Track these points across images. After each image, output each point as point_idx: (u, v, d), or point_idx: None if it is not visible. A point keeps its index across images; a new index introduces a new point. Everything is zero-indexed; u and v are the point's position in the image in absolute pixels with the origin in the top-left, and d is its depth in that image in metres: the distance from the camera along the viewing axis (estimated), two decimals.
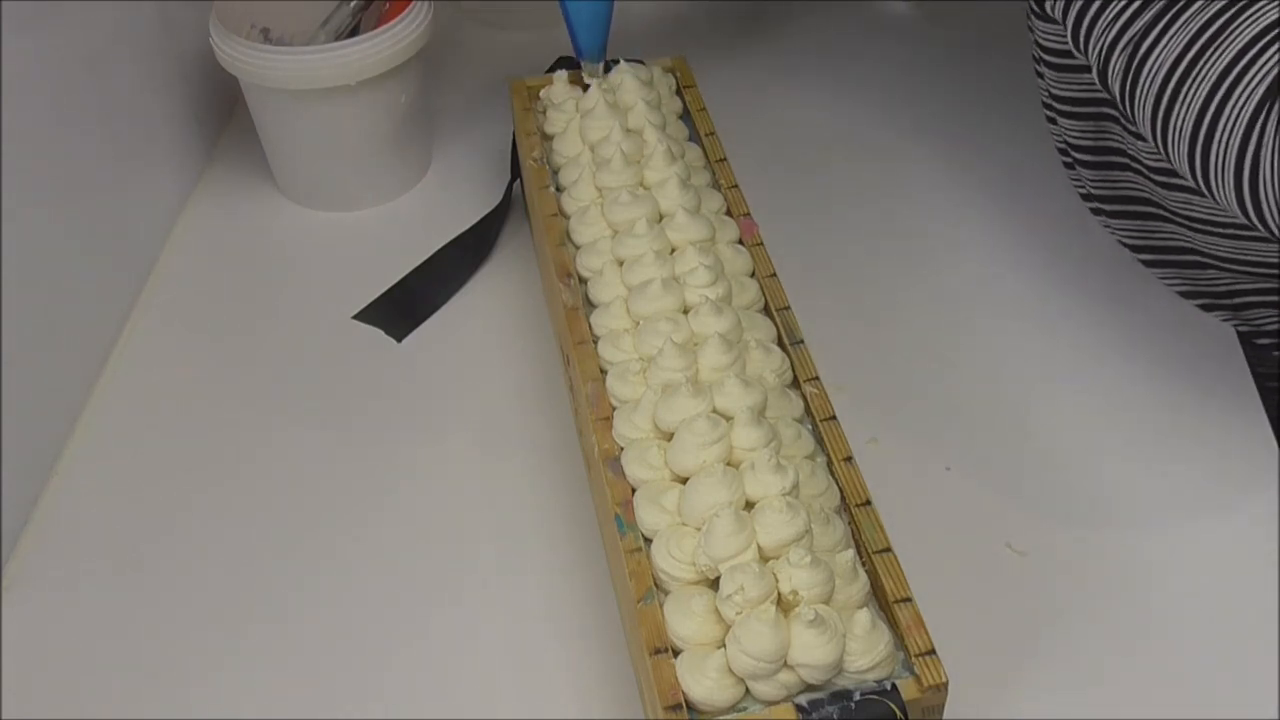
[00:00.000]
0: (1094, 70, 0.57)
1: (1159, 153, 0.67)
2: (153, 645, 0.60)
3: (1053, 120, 0.74)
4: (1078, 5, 0.57)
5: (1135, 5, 0.54)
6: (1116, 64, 0.55)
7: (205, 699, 0.58)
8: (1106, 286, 0.76)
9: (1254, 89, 0.49)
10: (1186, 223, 0.70)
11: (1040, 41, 0.69)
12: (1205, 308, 0.74)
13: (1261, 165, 0.49)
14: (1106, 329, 0.73)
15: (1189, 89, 0.52)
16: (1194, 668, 0.58)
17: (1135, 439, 0.68)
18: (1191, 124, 0.52)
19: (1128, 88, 0.55)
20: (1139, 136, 0.68)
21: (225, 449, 0.69)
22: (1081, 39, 0.57)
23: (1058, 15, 0.59)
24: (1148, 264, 0.75)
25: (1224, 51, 0.51)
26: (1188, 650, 0.58)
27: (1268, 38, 0.50)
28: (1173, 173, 0.68)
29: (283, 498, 0.66)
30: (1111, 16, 0.55)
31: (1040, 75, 0.72)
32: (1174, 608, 0.60)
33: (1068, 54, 0.68)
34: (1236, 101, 0.50)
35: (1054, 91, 0.71)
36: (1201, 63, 0.51)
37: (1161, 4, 0.53)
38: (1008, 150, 0.86)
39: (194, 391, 0.72)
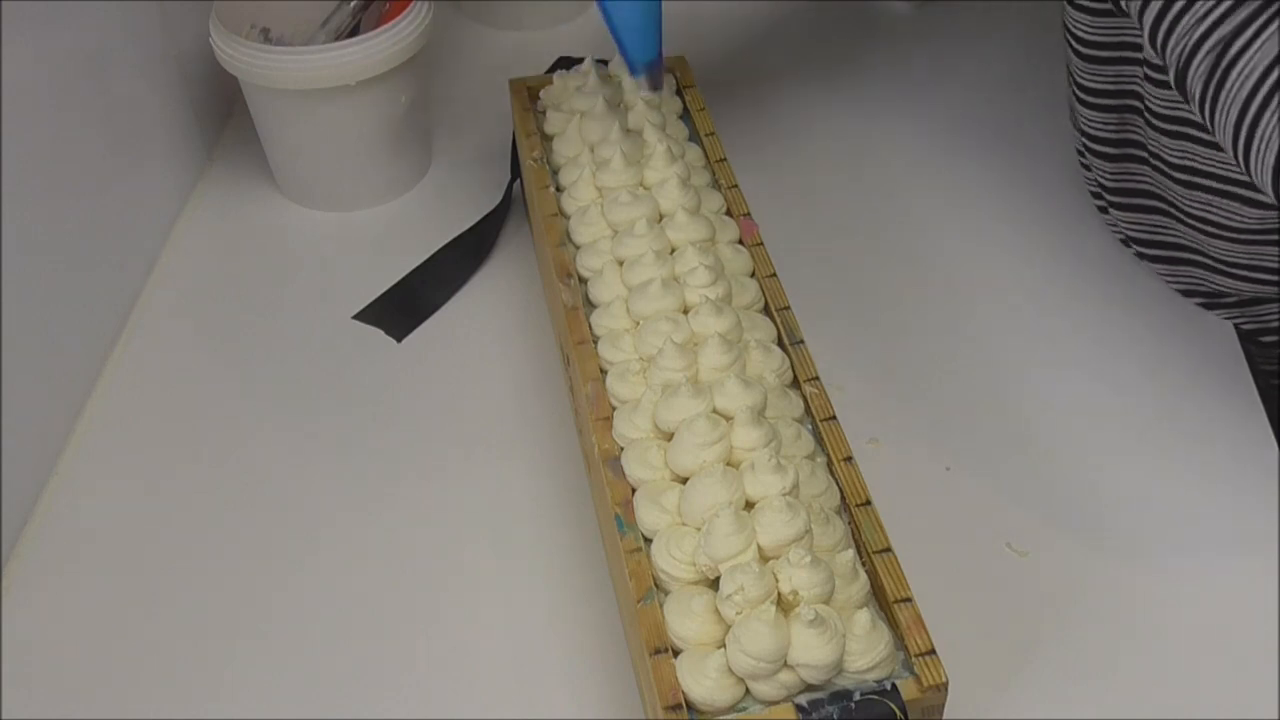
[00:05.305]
0: (1171, 72, 0.55)
1: (1196, 155, 0.65)
2: (152, 645, 0.60)
3: (1075, 110, 0.73)
4: (1159, 3, 0.54)
5: (1225, 6, 0.52)
6: (1200, 66, 0.53)
7: (204, 699, 0.58)
8: (1107, 286, 0.76)
9: None
10: (1199, 225, 0.70)
11: (1075, 32, 0.68)
12: (1206, 306, 0.74)
13: None
14: (1107, 329, 0.73)
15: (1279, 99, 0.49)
16: (1194, 667, 0.58)
17: (1135, 439, 0.68)
18: None
19: (1210, 92, 0.52)
20: (1165, 134, 0.67)
21: (225, 448, 0.69)
22: (1160, 38, 0.55)
23: (1133, 11, 0.56)
24: (1151, 259, 0.75)
25: None
26: (1188, 650, 0.58)
27: None
28: (1197, 171, 0.67)
29: (282, 497, 0.66)
30: (1197, 17, 0.53)
31: (1070, 65, 0.71)
32: (1173, 607, 0.60)
33: (1101, 46, 0.67)
34: None
35: (1081, 82, 0.71)
36: None
37: (1255, 6, 0.51)
38: (1008, 150, 0.86)
39: (194, 391, 0.72)
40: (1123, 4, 0.58)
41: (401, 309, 0.76)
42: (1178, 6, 0.54)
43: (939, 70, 0.94)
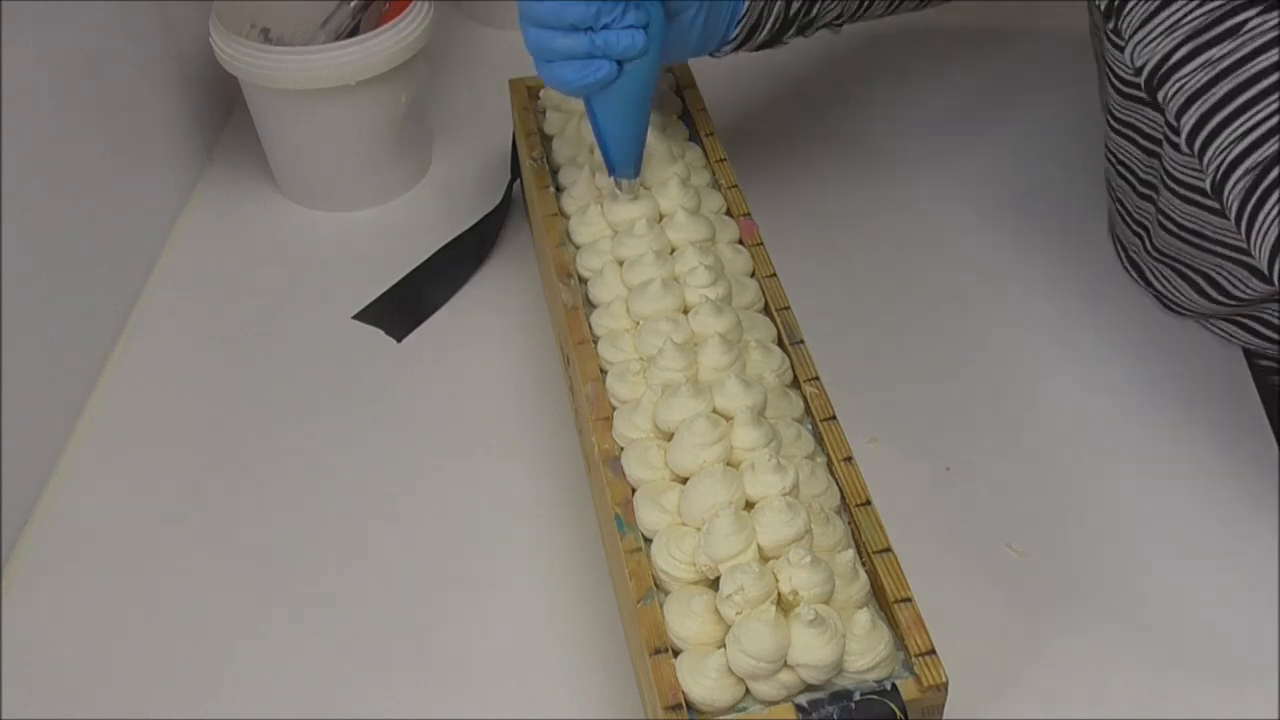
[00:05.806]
0: (1208, 181, 0.54)
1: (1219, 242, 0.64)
2: (152, 645, 0.60)
3: (1106, 133, 0.73)
4: (1198, 110, 0.53)
5: (1266, 128, 0.51)
6: (1238, 185, 0.52)
7: (204, 699, 0.58)
8: (1108, 288, 0.76)
9: None
10: (1200, 280, 0.69)
11: (1113, 67, 0.67)
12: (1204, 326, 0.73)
13: None
14: (1108, 331, 0.73)
15: None
16: (1193, 668, 0.58)
17: (1135, 439, 0.68)
18: None
19: (1248, 211, 0.52)
20: (1179, 197, 0.66)
21: (224, 449, 0.69)
22: (1199, 146, 0.54)
23: (1170, 112, 0.55)
24: (1146, 285, 0.75)
25: None
26: (1187, 651, 0.58)
27: None
28: (1206, 238, 0.66)
29: (282, 497, 0.66)
30: (1238, 134, 0.52)
31: (1104, 94, 0.70)
32: (1174, 608, 0.60)
33: (1138, 87, 0.66)
34: None
35: (1114, 112, 0.70)
36: None
37: None
38: (1008, 153, 0.86)
39: (194, 391, 0.72)
40: (1158, 99, 0.56)
41: (401, 309, 0.76)
42: (1217, 120, 0.53)
43: (939, 70, 0.94)
